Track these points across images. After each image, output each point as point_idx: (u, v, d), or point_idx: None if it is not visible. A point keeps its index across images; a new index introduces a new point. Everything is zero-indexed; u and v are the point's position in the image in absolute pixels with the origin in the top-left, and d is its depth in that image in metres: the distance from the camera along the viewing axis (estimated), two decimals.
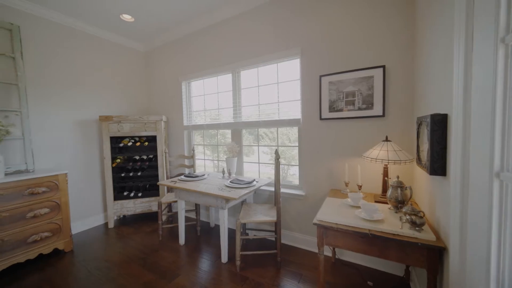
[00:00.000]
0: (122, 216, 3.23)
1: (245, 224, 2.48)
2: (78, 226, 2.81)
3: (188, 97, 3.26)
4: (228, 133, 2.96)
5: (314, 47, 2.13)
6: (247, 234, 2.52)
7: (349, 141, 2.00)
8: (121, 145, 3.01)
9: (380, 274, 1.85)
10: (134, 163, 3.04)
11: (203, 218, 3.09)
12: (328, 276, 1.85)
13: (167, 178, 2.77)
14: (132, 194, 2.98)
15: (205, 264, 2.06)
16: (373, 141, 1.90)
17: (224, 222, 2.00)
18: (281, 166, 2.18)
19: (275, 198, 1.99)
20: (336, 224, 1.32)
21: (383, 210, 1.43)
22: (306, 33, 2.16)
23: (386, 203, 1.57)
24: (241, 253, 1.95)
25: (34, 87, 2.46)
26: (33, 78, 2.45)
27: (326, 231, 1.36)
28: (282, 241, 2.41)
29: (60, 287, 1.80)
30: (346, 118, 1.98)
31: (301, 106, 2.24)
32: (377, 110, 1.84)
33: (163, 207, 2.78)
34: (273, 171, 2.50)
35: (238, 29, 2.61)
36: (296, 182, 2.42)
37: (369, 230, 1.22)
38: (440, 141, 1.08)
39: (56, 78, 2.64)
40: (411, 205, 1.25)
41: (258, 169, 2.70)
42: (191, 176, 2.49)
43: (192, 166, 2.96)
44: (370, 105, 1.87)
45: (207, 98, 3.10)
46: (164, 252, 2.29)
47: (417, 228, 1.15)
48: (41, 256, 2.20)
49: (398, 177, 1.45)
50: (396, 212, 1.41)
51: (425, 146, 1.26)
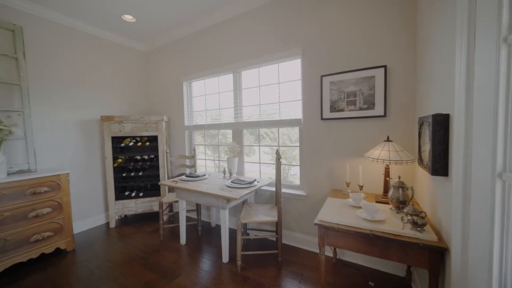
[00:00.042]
0: (123, 216, 3.24)
1: (246, 224, 2.48)
2: (79, 225, 2.82)
3: (189, 97, 3.27)
4: (229, 133, 2.96)
5: (315, 47, 2.12)
6: (248, 234, 2.52)
7: (350, 141, 2.00)
8: (122, 145, 3.02)
9: (381, 275, 1.84)
10: (136, 163, 3.05)
11: (204, 218, 3.10)
12: (329, 276, 1.85)
13: (168, 178, 2.78)
14: (133, 194, 2.99)
15: (206, 264, 2.07)
16: (374, 141, 1.89)
17: (225, 222, 2.00)
18: (282, 166, 2.19)
19: (276, 198, 1.99)
20: (337, 224, 1.32)
21: (385, 211, 1.43)
22: (307, 33, 2.16)
23: (388, 204, 1.57)
24: (242, 253, 1.95)
25: (36, 87, 2.47)
26: (35, 78, 2.46)
27: (327, 231, 1.35)
28: (283, 241, 2.40)
29: (62, 287, 1.81)
30: (347, 118, 1.98)
31: (302, 106, 2.24)
32: (378, 110, 1.84)
33: (164, 207, 2.79)
34: (274, 171, 2.50)
35: (239, 29, 2.61)
36: (297, 182, 2.42)
37: (370, 230, 1.22)
38: (442, 141, 1.07)
39: (57, 78, 2.65)
40: (413, 205, 1.25)
41: (259, 169, 2.70)
42: (192, 176, 2.49)
43: (193, 166, 2.97)
44: (371, 105, 1.87)
45: (208, 98, 3.11)
46: (165, 252, 2.29)
47: (418, 228, 1.15)
48: (43, 255, 2.21)
49: (399, 177, 1.45)
50: (397, 212, 1.40)
51: (426, 147, 1.25)
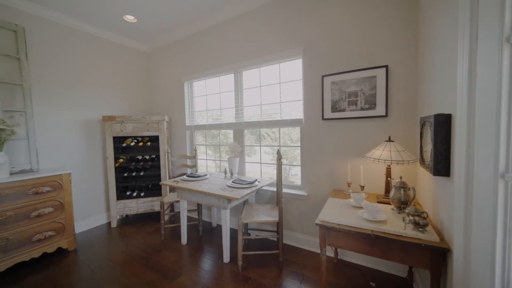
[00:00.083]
0: (125, 215, 3.25)
1: (247, 224, 2.48)
2: (81, 225, 2.83)
3: (190, 97, 3.28)
4: (230, 133, 2.96)
5: (316, 47, 2.12)
6: (249, 234, 2.52)
7: (351, 141, 2.00)
8: (124, 145, 3.03)
9: (382, 275, 1.84)
10: (137, 163, 3.06)
11: (205, 218, 3.10)
12: (330, 276, 1.84)
13: (170, 178, 2.79)
14: (134, 194, 3.00)
15: (207, 264, 2.07)
16: (375, 141, 1.89)
17: (226, 222, 2.00)
18: (283, 166, 2.18)
19: (277, 198, 1.99)
20: (338, 224, 1.32)
21: (386, 211, 1.43)
22: (308, 33, 2.16)
23: (389, 204, 1.56)
24: (243, 253, 1.96)
25: (38, 88, 2.48)
26: (37, 79, 2.47)
27: (328, 232, 1.35)
28: (284, 241, 2.40)
29: (63, 286, 1.82)
30: (349, 118, 1.97)
31: (303, 106, 2.24)
32: (380, 110, 1.84)
33: (166, 207, 2.80)
34: (275, 171, 2.50)
35: (240, 29, 2.61)
36: (298, 182, 2.41)
37: (371, 230, 1.22)
38: (443, 141, 1.07)
39: (59, 78, 2.66)
40: (414, 206, 1.25)
41: (260, 169, 2.70)
42: (193, 176, 2.49)
43: (194, 166, 2.97)
44: (372, 105, 1.86)
45: (209, 98, 3.11)
46: (166, 251, 2.30)
47: (420, 229, 1.15)
48: (45, 255, 2.22)
49: (401, 177, 1.45)
50: (399, 212, 1.40)
51: (428, 147, 1.25)
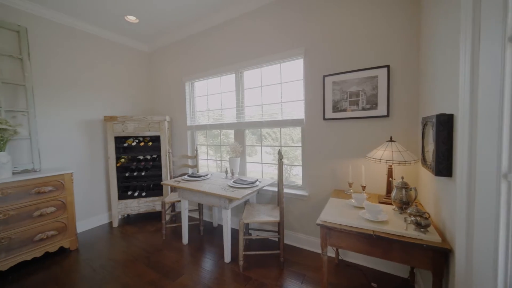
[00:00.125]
0: (126, 215, 3.26)
1: (248, 224, 2.48)
2: (83, 225, 2.85)
3: (191, 97, 3.28)
4: (231, 133, 2.97)
5: (318, 47, 2.12)
6: (250, 234, 2.52)
7: (353, 141, 1.99)
8: (125, 145, 3.04)
9: (384, 276, 1.83)
10: (138, 163, 3.07)
11: (206, 218, 3.10)
12: (331, 277, 1.84)
13: (171, 178, 2.79)
14: (136, 194, 3.01)
15: (208, 263, 2.07)
16: (377, 141, 1.88)
17: (227, 222, 2.01)
18: (284, 166, 2.18)
19: (278, 198, 1.99)
20: (339, 224, 1.31)
21: (388, 211, 1.42)
22: (310, 33, 2.15)
23: (391, 204, 1.56)
24: (244, 253, 1.96)
25: (40, 88, 2.49)
26: (39, 79, 2.48)
27: (329, 232, 1.35)
28: (285, 241, 2.40)
29: (65, 285, 1.83)
30: (350, 118, 1.97)
31: (304, 106, 2.24)
32: (381, 110, 1.83)
33: (167, 207, 2.80)
34: (276, 171, 2.50)
35: (241, 29, 2.61)
36: (299, 182, 2.41)
37: (373, 231, 1.22)
38: (445, 141, 1.06)
39: (61, 78, 2.67)
40: (416, 206, 1.24)
41: (261, 169, 2.70)
42: (194, 176, 2.50)
43: (195, 166, 2.98)
44: (374, 105, 1.86)
45: (210, 99, 3.11)
46: (167, 251, 2.30)
47: (422, 229, 1.14)
48: (47, 254, 2.23)
49: (402, 178, 1.44)
50: (400, 213, 1.40)
51: (430, 147, 1.24)
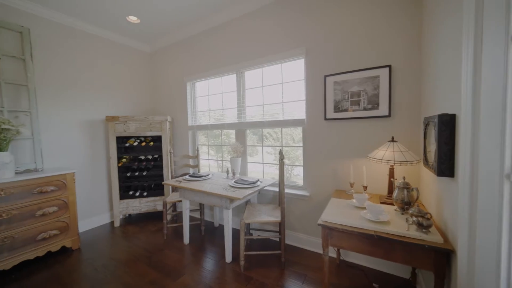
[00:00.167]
0: (127, 215, 3.27)
1: (249, 224, 2.48)
2: (85, 224, 2.86)
3: (192, 97, 3.29)
4: (232, 133, 2.97)
5: (319, 47, 2.11)
6: (251, 234, 2.52)
7: (354, 141, 1.99)
8: (127, 145, 3.05)
9: (385, 276, 1.83)
10: (140, 163, 3.08)
11: (208, 217, 3.11)
12: (332, 277, 1.84)
13: (172, 178, 2.80)
14: (137, 194, 3.02)
15: (209, 263, 2.07)
16: (379, 141, 1.88)
17: (228, 222, 2.01)
18: (285, 166, 2.18)
19: (279, 199, 1.99)
20: (341, 225, 1.31)
21: (389, 212, 1.42)
22: (311, 33, 2.15)
23: (392, 205, 1.55)
24: (245, 253, 1.96)
25: (42, 88, 2.51)
26: (41, 79, 2.50)
27: (331, 232, 1.35)
28: (286, 241, 2.40)
29: (67, 284, 1.84)
30: (351, 118, 1.96)
31: (305, 106, 2.23)
32: (383, 110, 1.83)
33: (168, 207, 2.81)
34: (277, 172, 2.50)
35: (243, 29, 2.61)
36: (300, 182, 2.41)
37: (374, 231, 1.21)
38: (448, 141, 1.06)
39: (63, 79, 2.69)
40: (418, 206, 1.24)
41: (262, 169, 2.70)
42: (196, 176, 2.50)
43: (196, 166, 2.98)
44: (375, 105, 1.85)
45: (212, 99, 3.12)
46: (169, 251, 2.31)
47: (424, 230, 1.14)
48: (49, 253, 2.24)
49: (404, 178, 1.43)
50: (402, 213, 1.39)
51: (432, 147, 1.24)
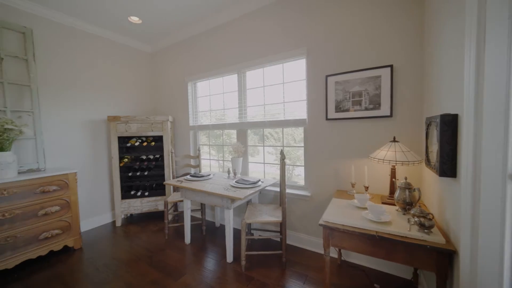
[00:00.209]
0: (129, 214, 3.28)
1: (250, 224, 2.48)
2: (86, 224, 2.87)
3: (194, 97, 3.29)
4: (233, 133, 2.97)
5: (320, 47, 2.11)
6: (252, 234, 2.52)
7: (355, 141, 1.98)
8: (128, 145, 3.06)
9: (387, 277, 1.82)
10: (141, 163, 3.09)
11: (209, 217, 3.11)
12: (334, 277, 1.83)
13: (173, 178, 2.80)
14: (139, 193, 3.03)
15: (210, 263, 2.08)
16: (380, 141, 1.87)
17: (229, 222, 2.01)
18: (286, 166, 2.18)
19: (281, 199, 1.98)
20: (342, 225, 1.31)
21: (391, 212, 1.41)
22: (312, 33, 2.15)
23: (394, 205, 1.55)
24: (246, 253, 1.96)
25: (44, 88, 2.52)
26: (43, 79, 2.51)
27: (332, 232, 1.35)
28: (288, 241, 2.40)
29: (69, 283, 1.85)
30: (353, 118, 1.96)
31: (306, 106, 2.23)
32: (384, 110, 1.82)
33: (169, 206, 2.82)
34: (278, 172, 2.50)
35: (244, 29, 2.61)
36: (301, 182, 2.41)
37: (376, 232, 1.21)
38: (450, 142, 1.05)
39: (65, 79, 2.70)
40: (420, 207, 1.23)
41: (263, 169, 2.70)
42: (197, 176, 2.51)
43: (197, 166, 2.99)
44: (377, 105, 1.84)
45: (213, 99, 3.12)
46: (170, 250, 2.31)
47: (425, 230, 1.13)
48: (51, 252, 2.25)
49: (406, 178, 1.43)
50: (404, 214, 1.39)
51: (434, 147, 1.23)
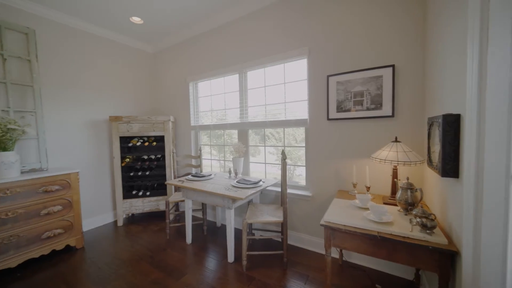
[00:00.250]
0: (130, 214, 3.29)
1: (251, 224, 2.48)
2: (88, 223, 2.89)
3: (195, 97, 3.30)
4: (234, 133, 2.97)
5: (322, 47, 2.11)
6: (253, 234, 2.52)
7: (357, 141, 1.98)
8: (130, 144, 3.07)
9: (388, 277, 1.82)
10: (143, 163, 3.10)
11: (210, 217, 3.12)
12: (335, 278, 1.83)
13: (175, 178, 2.81)
14: (140, 193, 3.04)
15: (211, 263, 2.08)
16: (382, 141, 1.87)
17: (230, 222, 2.01)
18: (287, 166, 2.18)
19: (282, 199, 1.98)
20: (344, 225, 1.31)
21: (392, 212, 1.41)
22: (313, 33, 2.14)
23: (395, 205, 1.54)
24: (247, 253, 1.96)
25: (47, 89, 2.54)
26: (46, 80, 2.53)
27: (333, 233, 1.34)
28: (289, 242, 2.40)
29: (71, 282, 1.86)
30: (354, 119, 1.96)
31: (308, 106, 2.23)
32: (386, 110, 1.81)
33: (171, 206, 2.82)
34: (279, 172, 2.49)
35: (245, 30, 2.61)
36: (302, 182, 2.40)
37: (378, 232, 1.21)
38: (452, 142, 1.05)
39: (66, 79, 2.72)
40: (422, 207, 1.23)
41: (264, 169, 2.70)
42: (198, 175, 2.51)
43: (199, 166, 2.99)
44: (379, 105, 1.84)
45: (214, 99, 3.13)
46: (171, 250, 2.32)
47: (428, 231, 1.13)
48: (54, 252, 2.27)
49: (408, 178, 1.42)
50: (405, 214, 1.38)
51: (436, 147, 1.23)
